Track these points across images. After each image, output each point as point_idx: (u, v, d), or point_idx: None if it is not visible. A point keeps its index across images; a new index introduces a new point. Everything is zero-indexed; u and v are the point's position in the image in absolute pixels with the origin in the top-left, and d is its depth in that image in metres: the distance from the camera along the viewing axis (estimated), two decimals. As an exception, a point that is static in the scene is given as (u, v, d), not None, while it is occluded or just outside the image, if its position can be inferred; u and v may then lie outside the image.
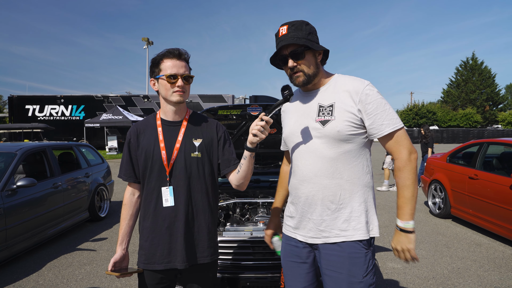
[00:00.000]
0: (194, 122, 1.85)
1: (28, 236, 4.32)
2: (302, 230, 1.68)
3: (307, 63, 1.61)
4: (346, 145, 1.59)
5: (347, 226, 1.58)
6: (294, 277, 1.74)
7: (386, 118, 1.56)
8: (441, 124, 43.30)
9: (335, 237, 1.58)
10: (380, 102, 1.57)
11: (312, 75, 1.62)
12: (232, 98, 25.11)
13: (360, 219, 1.58)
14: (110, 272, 1.72)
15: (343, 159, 1.59)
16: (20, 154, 4.59)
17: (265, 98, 3.65)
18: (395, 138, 1.58)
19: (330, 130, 1.57)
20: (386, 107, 1.57)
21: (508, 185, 4.61)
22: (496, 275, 3.85)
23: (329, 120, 1.58)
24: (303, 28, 1.59)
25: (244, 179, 1.79)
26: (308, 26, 1.61)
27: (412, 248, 1.53)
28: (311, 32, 1.61)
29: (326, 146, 1.59)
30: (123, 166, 1.84)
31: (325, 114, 1.60)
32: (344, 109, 1.56)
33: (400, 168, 1.56)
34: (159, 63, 1.74)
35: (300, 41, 1.56)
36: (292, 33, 1.58)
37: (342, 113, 1.57)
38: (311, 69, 1.62)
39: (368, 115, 1.56)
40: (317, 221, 1.62)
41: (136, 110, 24.72)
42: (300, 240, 1.69)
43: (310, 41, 1.59)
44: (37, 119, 24.72)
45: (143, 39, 34.63)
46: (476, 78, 48.53)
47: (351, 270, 1.55)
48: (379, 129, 1.56)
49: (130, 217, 1.84)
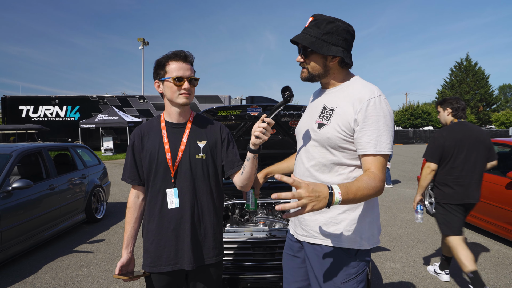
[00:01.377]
0: (198, 124, 1.86)
1: (24, 239, 4.28)
2: (292, 223, 1.76)
3: (311, 63, 1.56)
4: (337, 154, 1.52)
5: (324, 230, 1.55)
6: (288, 269, 1.77)
7: (376, 138, 1.41)
8: (436, 125, 43.57)
9: (313, 238, 1.59)
10: (378, 119, 1.42)
11: (316, 75, 1.58)
12: (229, 98, 25.07)
13: (338, 226, 1.52)
14: (117, 276, 1.72)
15: (332, 167, 1.54)
16: (15, 155, 4.54)
17: (262, 99, 3.65)
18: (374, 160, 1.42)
19: (322, 135, 1.54)
20: (381, 127, 1.42)
21: (504, 184, 4.65)
22: (493, 274, 3.88)
23: (324, 125, 1.54)
24: (322, 26, 1.50)
25: (248, 180, 1.81)
26: (330, 25, 1.50)
27: (308, 211, 1.19)
28: (330, 32, 1.50)
29: (316, 149, 1.58)
30: (127, 168, 1.83)
31: (324, 118, 1.56)
32: (342, 116, 1.49)
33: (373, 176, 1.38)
34: (165, 65, 1.73)
35: (304, 42, 1.51)
36: (309, 29, 1.53)
37: (338, 120, 1.50)
38: (316, 70, 1.57)
39: (362, 128, 1.44)
40: (300, 218, 1.65)
41: (132, 111, 24.58)
42: (291, 233, 1.76)
43: (322, 41, 1.49)
44: (31, 120, 24.49)
45: (139, 39, 34.43)
46: (470, 79, 48.89)
47: (330, 273, 1.52)
48: (364, 146, 1.43)
49: (135, 220, 1.84)
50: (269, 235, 2.62)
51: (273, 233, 2.63)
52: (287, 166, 1.98)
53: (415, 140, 37.27)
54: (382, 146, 1.42)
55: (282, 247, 2.61)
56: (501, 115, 45.20)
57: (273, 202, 3.19)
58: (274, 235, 2.61)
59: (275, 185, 3.73)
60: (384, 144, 1.42)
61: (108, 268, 4.10)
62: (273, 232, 2.64)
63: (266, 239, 2.60)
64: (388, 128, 1.44)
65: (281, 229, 2.70)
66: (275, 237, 2.60)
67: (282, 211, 3.15)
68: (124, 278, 1.72)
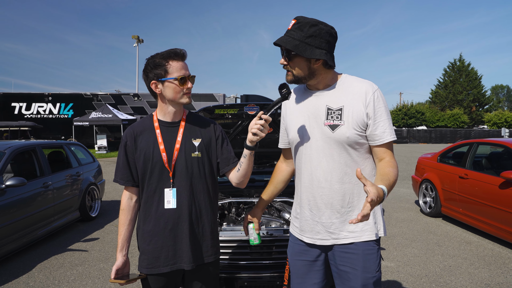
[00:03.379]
0: (191, 122, 1.84)
1: (17, 237, 4.23)
2: (309, 232, 1.68)
3: (295, 66, 1.58)
4: (355, 149, 1.59)
5: (355, 227, 1.60)
6: (301, 275, 1.75)
7: (388, 126, 1.58)
8: (430, 124, 43.93)
9: (344, 238, 1.61)
10: (386, 109, 1.58)
11: (301, 77, 1.60)
12: (223, 97, 25.04)
13: (369, 221, 1.60)
14: (114, 280, 1.69)
15: (352, 164, 1.60)
16: (8, 152, 4.49)
17: (257, 97, 3.65)
18: (389, 147, 1.60)
19: (340, 136, 1.56)
20: (389, 116, 1.59)
21: (497, 184, 4.70)
22: (486, 273, 3.92)
23: (338, 125, 1.56)
24: (305, 29, 1.51)
25: (244, 177, 1.80)
26: (314, 28, 1.51)
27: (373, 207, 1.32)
28: (314, 35, 1.51)
29: (335, 151, 1.59)
30: (120, 169, 1.78)
31: (334, 118, 1.58)
32: (354, 113, 1.55)
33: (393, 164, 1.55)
34: (165, 65, 1.68)
35: (287, 45, 1.51)
36: (292, 32, 1.54)
37: (351, 117, 1.55)
38: (300, 72, 1.58)
39: (374, 120, 1.56)
40: (326, 224, 1.63)
41: (126, 108, 24.44)
42: (306, 242, 1.70)
43: (305, 44, 1.50)
44: (24, 117, 24.24)
45: (133, 37, 34.21)
46: (463, 79, 49.36)
47: (365, 266, 1.59)
48: (381, 136, 1.57)
49: (129, 222, 1.80)
50: (266, 234, 2.61)
51: (270, 232, 2.62)
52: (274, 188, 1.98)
53: (408, 140, 37.53)
54: (393, 133, 1.59)
55: (279, 246, 2.61)
56: (493, 115, 45.68)
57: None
58: (271, 234, 2.61)
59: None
60: (392, 131, 1.60)
61: (103, 267, 4.08)
62: (270, 231, 2.63)
63: (263, 238, 2.60)
64: (390, 116, 1.61)
65: (278, 228, 2.70)
66: (272, 236, 2.60)
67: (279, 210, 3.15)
68: (121, 281, 1.69)
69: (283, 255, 2.60)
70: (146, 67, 1.72)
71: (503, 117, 44.06)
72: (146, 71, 1.72)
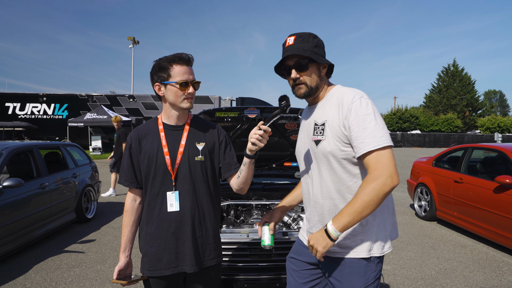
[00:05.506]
0: (196, 126, 1.85)
1: (13, 238, 4.20)
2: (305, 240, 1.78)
3: (310, 76, 1.60)
4: (342, 166, 1.55)
5: (343, 244, 1.58)
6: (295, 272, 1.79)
7: (370, 135, 1.42)
8: (424, 129, 44.28)
9: (332, 252, 1.60)
10: (367, 117, 1.44)
11: (314, 87, 1.62)
12: (219, 99, 25.02)
13: (356, 238, 1.56)
14: (116, 280, 1.70)
15: (337, 180, 1.57)
16: (6, 153, 4.46)
17: (252, 100, 3.67)
18: (376, 156, 1.42)
19: (323, 150, 1.57)
20: (374, 123, 1.43)
21: (492, 188, 4.77)
22: (481, 276, 3.97)
23: (320, 140, 1.58)
24: (310, 40, 1.59)
25: (244, 184, 1.81)
26: (316, 39, 1.61)
27: (322, 252, 1.44)
28: (318, 45, 1.61)
29: (322, 166, 1.60)
30: (124, 171, 1.80)
31: (318, 134, 1.61)
32: (332, 126, 1.54)
33: (366, 180, 1.41)
34: (168, 69, 1.69)
35: (305, 53, 1.56)
36: (299, 44, 1.58)
37: (331, 131, 1.54)
38: (313, 82, 1.61)
39: (352, 130, 1.47)
40: None
41: (121, 110, 24.31)
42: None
43: (315, 53, 1.58)
44: (18, 118, 24.02)
45: (129, 38, 34.08)
46: (457, 84, 49.90)
47: (349, 280, 1.56)
48: (359, 147, 1.44)
49: (133, 223, 1.82)
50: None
51: (269, 235, 2.64)
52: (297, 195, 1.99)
53: (403, 144, 37.78)
54: (377, 141, 1.41)
55: (279, 248, 2.63)
56: (486, 120, 46.21)
57: (268, 203, 3.22)
58: (271, 237, 2.63)
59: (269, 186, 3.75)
60: (379, 137, 1.42)
61: (100, 269, 4.06)
62: (270, 234, 2.65)
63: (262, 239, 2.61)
64: (377, 123, 1.44)
65: (277, 231, 2.72)
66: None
67: None
68: (122, 282, 1.70)
69: (282, 257, 2.63)
70: (152, 69, 1.75)
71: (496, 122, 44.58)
72: (151, 73, 1.76)
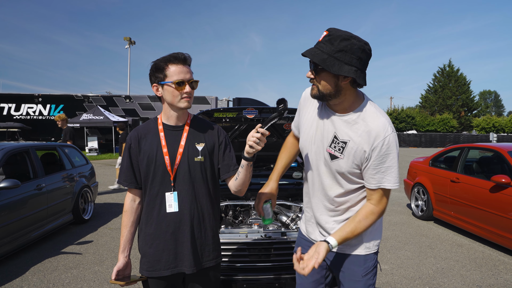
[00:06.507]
0: (196, 126, 1.84)
1: (10, 240, 4.17)
2: (312, 234, 1.83)
3: (323, 81, 1.48)
4: (350, 183, 1.61)
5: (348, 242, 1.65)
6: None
7: (390, 174, 1.50)
8: (420, 129, 44.54)
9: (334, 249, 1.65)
10: (391, 156, 1.48)
11: (326, 94, 1.50)
12: (216, 100, 25.00)
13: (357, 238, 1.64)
14: (114, 281, 1.69)
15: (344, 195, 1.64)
16: (2, 154, 4.43)
17: (249, 100, 3.67)
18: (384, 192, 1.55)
19: (336, 167, 1.58)
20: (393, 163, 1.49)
21: (488, 188, 4.80)
22: (478, 274, 4.00)
23: (337, 158, 1.56)
24: (335, 43, 1.41)
25: (242, 186, 1.79)
26: (345, 43, 1.40)
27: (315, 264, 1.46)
28: (344, 50, 1.40)
29: (330, 179, 1.65)
30: (123, 171, 1.79)
31: (335, 149, 1.56)
32: (356, 151, 1.51)
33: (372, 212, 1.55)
34: (164, 69, 1.68)
35: (315, 58, 1.42)
36: (321, 44, 1.44)
37: (353, 155, 1.52)
38: (326, 89, 1.49)
39: (372, 160, 1.50)
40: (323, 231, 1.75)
41: (118, 110, 24.22)
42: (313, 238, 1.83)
43: (333, 59, 1.40)
44: (13, 118, 23.85)
45: (125, 38, 33.97)
46: (452, 85, 50.25)
47: (351, 269, 1.68)
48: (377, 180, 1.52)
49: (132, 223, 1.81)
50: (264, 236, 2.64)
51: (268, 235, 2.65)
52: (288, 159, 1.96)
53: (399, 144, 37.91)
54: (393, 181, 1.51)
55: (278, 248, 2.64)
56: (481, 120, 46.55)
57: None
58: (270, 237, 2.64)
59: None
60: (394, 179, 1.51)
61: (97, 270, 4.05)
62: (268, 234, 2.66)
63: (261, 240, 2.62)
64: (395, 163, 1.50)
65: (276, 231, 2.73)
66: (270, 239, 2.63)
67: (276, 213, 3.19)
68: (121, 283, 1.69)
69: (281, 257, 2.63)
70: (150, 70, 1.75)
71: (491, 122, 44.93)
72: (150, 74, 1.75)
